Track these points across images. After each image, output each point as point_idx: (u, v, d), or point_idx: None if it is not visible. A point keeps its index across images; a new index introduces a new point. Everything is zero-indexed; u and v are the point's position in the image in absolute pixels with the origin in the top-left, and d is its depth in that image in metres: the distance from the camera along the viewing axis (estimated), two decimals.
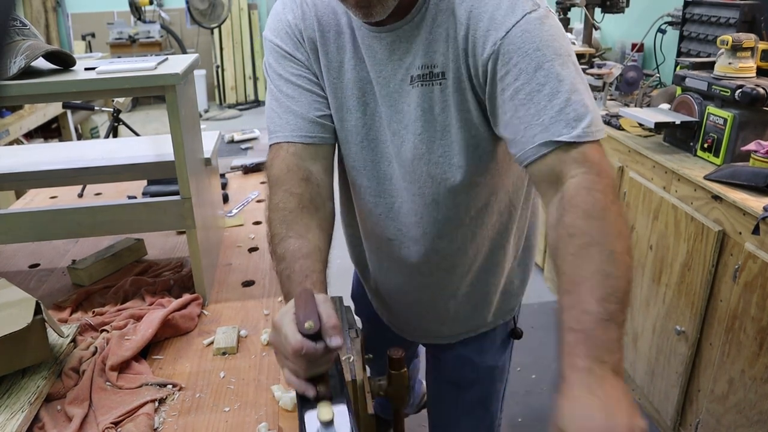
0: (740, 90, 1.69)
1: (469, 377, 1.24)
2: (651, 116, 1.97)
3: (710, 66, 1.90)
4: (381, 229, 1.06)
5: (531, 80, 0.80)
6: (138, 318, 1.12)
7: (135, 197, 1.71)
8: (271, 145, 0.97)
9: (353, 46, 0.93)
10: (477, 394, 1.27)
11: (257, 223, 1.61)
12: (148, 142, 1.69)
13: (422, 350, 1.76)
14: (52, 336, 1.02)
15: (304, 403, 0.75)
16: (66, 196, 1.78)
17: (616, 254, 0.71)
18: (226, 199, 1.77)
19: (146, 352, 1.07)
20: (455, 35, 0.85)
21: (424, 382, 1.69)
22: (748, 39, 1.77)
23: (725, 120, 1.75)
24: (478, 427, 1.31)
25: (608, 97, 2.53)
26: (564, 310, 0.70)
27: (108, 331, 1.10)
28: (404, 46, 0.89)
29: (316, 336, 0.71)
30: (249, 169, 2.01)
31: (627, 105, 2.45)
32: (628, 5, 2.66)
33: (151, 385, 0.97)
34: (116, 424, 0.88)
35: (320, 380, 0.75)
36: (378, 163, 1.00)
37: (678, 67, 2.14)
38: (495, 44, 0.81)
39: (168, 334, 1.11)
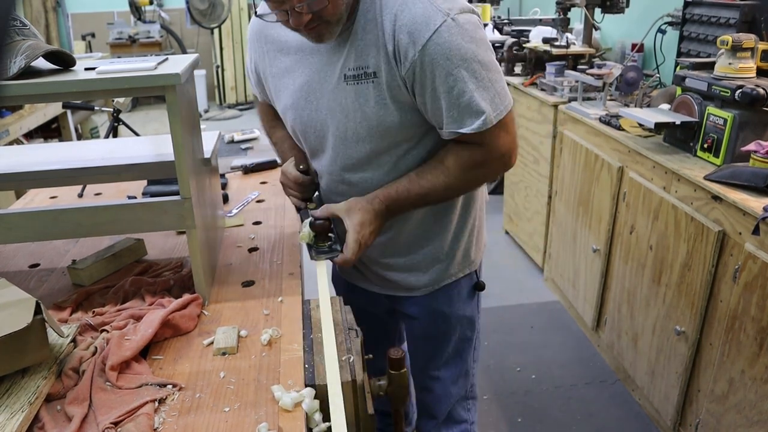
0: (740, 90, 1.69)
1: (443, 328, 1.41)
2: (651, 116, 1.97)
3: (710, 66, 1.90)
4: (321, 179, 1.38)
5: (444, 83, 1.05)
6: (138, 318, 1.12)
7: (135, 197, 1.71)
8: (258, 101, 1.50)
9: (301, 54, 1.17)
10: (452, 345, 1.43)
11: (257, 223, 1.61)
12: (148, 142, 1.69)
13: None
14: (52, 336, 1.02)
15: (300, 211, 1.35)
16: (66, 196, 1.78)
17: (435, 189, 1.16)
18: (226, 199, 1.77)
19: (146, 352, 1.07)
20: (384, 42, 1.06)
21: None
22: (748, 39, 1.78)
23: (725, 120, 1.75)
24: (455, 375, 1.46)
25: (608, 98, 2.53)
26: (399, 180, 1.18)
27: (108, 331, 1.09)
28: (339, 51, 1.11)
29: (306, 173, 1.31)
30: (249, 169, 2.00)
31: (627, 105, 2.45)
32: (628, 5, 2.66)
33: (151, 385, 0.97)
34: (116, 424, 0.88)
35: (309, 201, 1.33)
36: (315, 142, 1.27)
37: (678, 67, 2.14)
38: (414, 56, 1.03)
39: (168, 334, 1.11)
